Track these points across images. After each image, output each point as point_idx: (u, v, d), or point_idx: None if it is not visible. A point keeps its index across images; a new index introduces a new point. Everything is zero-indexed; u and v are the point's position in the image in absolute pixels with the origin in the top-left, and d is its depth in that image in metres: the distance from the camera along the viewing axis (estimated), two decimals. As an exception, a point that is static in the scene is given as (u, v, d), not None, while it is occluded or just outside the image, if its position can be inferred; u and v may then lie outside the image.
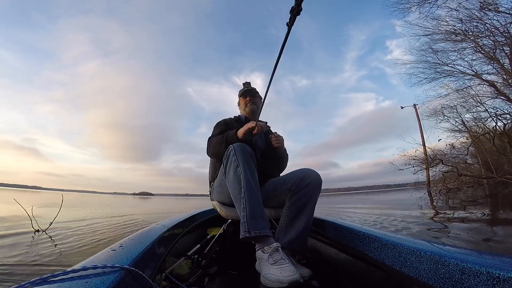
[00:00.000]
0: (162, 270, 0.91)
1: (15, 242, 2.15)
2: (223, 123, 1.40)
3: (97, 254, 0.63)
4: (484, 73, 7.51)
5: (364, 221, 3.40)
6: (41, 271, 1.41)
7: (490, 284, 0.45)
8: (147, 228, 1.03)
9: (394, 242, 0.72)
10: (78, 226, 3.33)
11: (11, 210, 5.02)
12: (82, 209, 3.58)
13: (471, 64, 7.61)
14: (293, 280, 0.78)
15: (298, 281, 0.80)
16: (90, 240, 2.36)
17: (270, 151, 1.36)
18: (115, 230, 3.20)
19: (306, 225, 1.05)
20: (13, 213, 4.25)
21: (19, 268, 1.46)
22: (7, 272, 1.39)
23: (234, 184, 1.01)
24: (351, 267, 0.98)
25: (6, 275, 1.34)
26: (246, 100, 1.45)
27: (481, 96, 7.91)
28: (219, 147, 1.18)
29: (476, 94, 7.98)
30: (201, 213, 1.86)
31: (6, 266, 1.47)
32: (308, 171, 1.14)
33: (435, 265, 0.57)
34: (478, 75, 7.58)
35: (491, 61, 7.03)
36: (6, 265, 1.49)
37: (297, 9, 0.56)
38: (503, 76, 7.05)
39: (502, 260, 0.49)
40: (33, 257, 1.69)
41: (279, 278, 0.79)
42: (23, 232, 2.60)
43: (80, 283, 0.44)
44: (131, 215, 5.85)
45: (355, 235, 0.92)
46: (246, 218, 0.93)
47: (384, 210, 5.05)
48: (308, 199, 1.08)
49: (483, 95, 7.88)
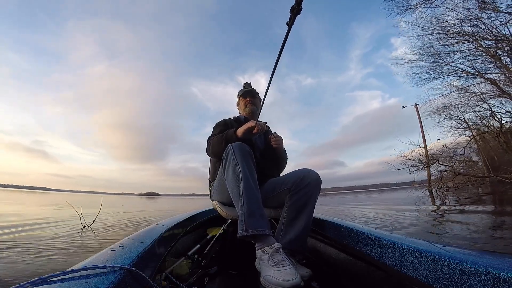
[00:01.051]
0: (162, 270, 0.91)
1: (70, 233, 2.83)
2: (222, 123, 1.40)
3: (97, 254, 0.63)
4: (486, 72, 7.51)
5: (383, 215, 3.98)
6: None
7: (490, 284, 0.45)
8: (147, 228, 1.03)
9: (394, 242, 0.72)
10: (116, 222, 4.17)
11: (55, 211, 5.99)
12: (104, 208, 4.03)
13: (472, 63, 7.61)
14: (294, 284, 0.77)
15: (299, 285, 0.79)
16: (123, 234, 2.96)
17: (270, 151, 1.36)
18: (148, 221, 4.18)
19: (306, 225, 1.05)
20: (61, 214, 5.14)
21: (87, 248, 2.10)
22: (73, 252, 1.91)
23: (233, 182, 1.01)
24: (351, 267, 0.98)
25: (74, 255, 1.81)
26: (246, 100, 1.45)
27: (483, 94, 7.91)
28: (218, 147, 1.18)
29: (479, 92, 7.99)
30: (201, 213, 1.86)
31: (74, 249, 2.02)
32: (307, 171, 1.14)
33: (435, 265, 0.57)
34: (479, 73, 7.57)
35: (492, 59, 7.02)
36: (74, 247, 2.08)
37: (297, 8, 0.55)
38: (505, 75, 7.03)
39: (502, 260, 0.49)
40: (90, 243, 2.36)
41: (279, 282, 0.78)
42: (74, 227, 3.28)
43: (80, 283, 0.44)
44: (152, 211, 7.24)
45: (355, 235, 0.92)
46: (244, 217, 0.92)
47: (396, 206, 5.62)
48: (308, 199, 1.08)
49: (485, 93, 7.89)
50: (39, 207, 7.23)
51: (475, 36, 6.82)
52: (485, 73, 7.50)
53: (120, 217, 4.97)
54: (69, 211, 5.19)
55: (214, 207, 1.33)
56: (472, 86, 8.14)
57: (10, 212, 4.53)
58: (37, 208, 6.69)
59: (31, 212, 5.38)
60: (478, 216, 3.00)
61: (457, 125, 9.14)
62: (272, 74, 0.78)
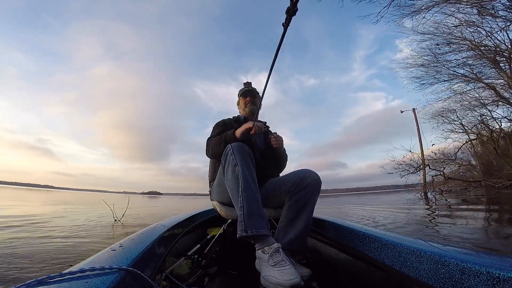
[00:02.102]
0: (162, 270, 0.91)
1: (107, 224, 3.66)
2: (221, 124, 1.40)
3: (97, 254, 0.63)
4: (484, 77, 7.51)
5: (395, 213, 4.63)
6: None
7: (490, 284, 0.45)
8: (147, 228, 1.03)
9: (394, 242, 0.72)
10: (139, 215, 5.14)
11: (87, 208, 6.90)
12: (117, 206, 4.62)
13: (471, 68, 7.61)
14: (294, 283, 0.77)
15: (299, 284, 0.79)
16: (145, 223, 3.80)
17: (270, 151, 1.36)
18: (167, 213, 5.14)
19: (305, 226, 1.05)
20: (93, 212, 5.87)
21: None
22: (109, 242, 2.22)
23: (232, 183, 1.01)
24: (351, 267, 0.98)
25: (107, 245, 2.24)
26: (246, 100, 1.45)
27: (481, 99, 7.95)
28: (217, 148, 1.18)
29: (477, 97, 8.02)
30: (201, 213, 1.86)
31: (112, 240, 2.49)
32: (307, 171, 1.14)
33: (435, 265, 0.57)
34: (478, 78, 7.57)
35: (491, 64, 7.02)
36: (112, 239, 2.56)
37: (292, 9, 0.55)
38: (504, 80, 7.04)
39: (502, 260, 0.49)
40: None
41: (279, 282, 0.78)
42: (108, 220, 4.07)
43: (80, 283, 0.43)
44: (164, 207, 8.46)
45: (355, 235, 0.92)
46: (243, 217, 0.92)
47: (400, 205, 6.43)
48: (308, 200, 1.08)
49: (483, 98, 7.92)
50: (68, 206, 7.53)
51: (474, 42, 6.82)
52: (484, 78, 7.51)
53: (139, 211, 6.05)
54: (91, 209, 6.33)
55: (214, 207, 1.33)
56: (470, 91, 8.18)
57: (52, 215, 4.73)
58: (72, 207, 7.08)
59: (70, 212, 5.67)
60: (461, 213, 3.90)
61: (454, 129, 9.33)
62: (269, 76, 0.78)
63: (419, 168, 9.33)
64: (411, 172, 9.36)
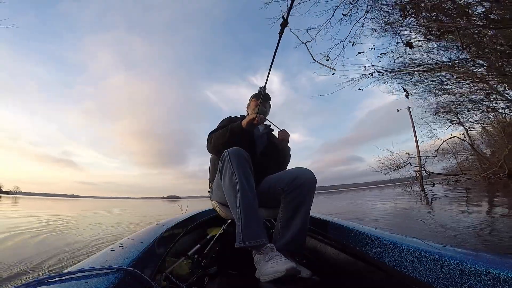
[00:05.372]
0: (162, 270, 0.91)
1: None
2: (228, 119, 1.42)
3: (97, 254, 0.63)
4: (477, 70, 7.47)
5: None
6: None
7: (490, 284, 0.45)
8: (147, 228, 1.03)
9: (394, 242, 0.72)
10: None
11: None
12: (151, 210, 4.70)
13: (464, 61, 7.55)
14: (289, 267, 0.81)
15: (295, 268, 0.82)
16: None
17: (271, 149, 1.37)
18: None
19: (301, 227, 1.04)
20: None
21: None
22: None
23: (230, 191, 1.02)
24: (351, 267, 0.98)
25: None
26: (258, 102, 1.47)
27: (473, 92, 7.98)
28: (222, 138, 1.19)
29: (470, 90, 8.03)
30: (201, 213, 1.86)
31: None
32: (301, 170, 1.12)
33: (435, 265, 0.57)
34: (471, 73, 7.54)
35: (482, 57, 6.97)
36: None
37: (284, 23, 0.77)
38: (495, 74, 7.02)
39: (502, 260, 0.49)
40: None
41: (275, 269, 0.83)
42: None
43: (80, 283, 0.43)
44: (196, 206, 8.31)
45: (355, 235, 0.92)
46: (241, 228, 0.94)
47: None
48: (303, 200, 1.06)
49: (476, 91, 7.93)
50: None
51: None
52: (476, 70, 7.46)
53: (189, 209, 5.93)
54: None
55: (214, 207, 1.33)
56: (464, 84, 8.17)
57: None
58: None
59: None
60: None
61: (448, 124, 9.58)
62: (267, 78, 0.79)
63: (400, 166, 10.69)
64: (394, 170, 10.73)
